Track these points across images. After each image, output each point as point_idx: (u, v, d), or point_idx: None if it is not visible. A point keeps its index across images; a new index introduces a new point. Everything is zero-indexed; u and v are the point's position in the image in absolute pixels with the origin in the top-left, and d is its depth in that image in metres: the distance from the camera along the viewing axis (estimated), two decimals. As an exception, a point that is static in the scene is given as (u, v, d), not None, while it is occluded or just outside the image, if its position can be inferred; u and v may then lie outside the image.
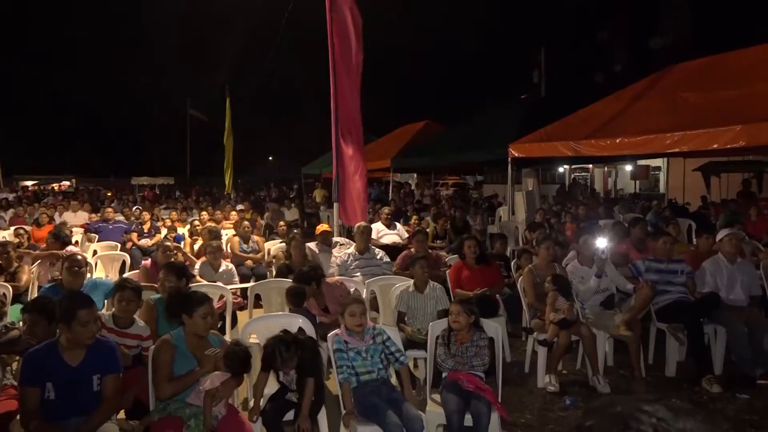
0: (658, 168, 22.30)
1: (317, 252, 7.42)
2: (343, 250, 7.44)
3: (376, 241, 8.29)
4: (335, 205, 8.38)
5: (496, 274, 6.29)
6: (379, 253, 7.04)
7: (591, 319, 5.45)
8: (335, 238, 8.01)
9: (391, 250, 8.06)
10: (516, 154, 9.93)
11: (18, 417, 3.50)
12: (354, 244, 7.36)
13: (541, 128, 9.86)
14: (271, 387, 3.92)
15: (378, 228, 8.98)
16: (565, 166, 25.31)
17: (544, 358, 5.25)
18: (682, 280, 5.75)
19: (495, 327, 4.41)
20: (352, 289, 5.52)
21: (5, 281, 6.09)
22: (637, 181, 23.75)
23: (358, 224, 7.18)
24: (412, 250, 7.14)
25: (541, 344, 5.24)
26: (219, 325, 5.05)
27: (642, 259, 5.98)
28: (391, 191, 17.69)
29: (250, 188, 28.60)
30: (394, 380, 4.16)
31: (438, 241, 9.79)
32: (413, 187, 24.87)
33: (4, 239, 7.74)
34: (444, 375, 4.09)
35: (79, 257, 5.47)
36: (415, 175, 27.44)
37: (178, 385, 3.47)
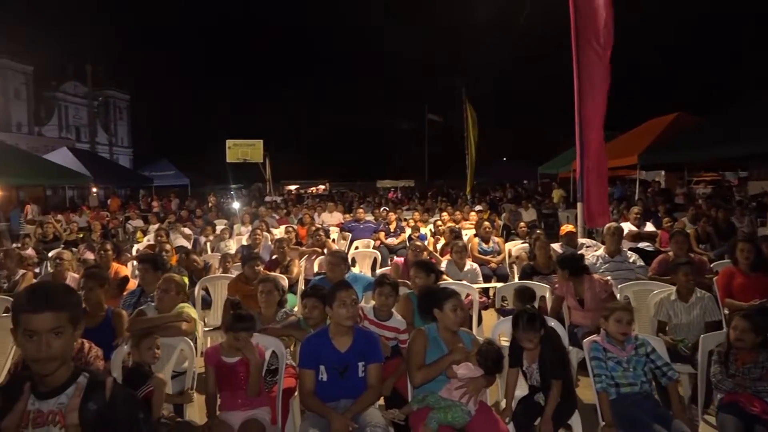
0: None
1: (561, 253, 7.16)
2: (590, 251, 7.07)
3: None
4: (579, 205, 8.01)
5: (779, 284, 5.41)
6: (632, 256, 6.54)
7: None
8: (580, 240, 7.67)
9: (640, 252, 7.44)
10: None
11: (296, 394, 3.97)
12: (601, 246, 6.95)
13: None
14: (523, 389, 3.88)
15: (627, 229, 8.37)
16: None
17: None
18: None
19: (785, 346, 3.78)
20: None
21: (280, 273, 6.94)
22: None
23: (608, 225, 6.76)
24: (670, 253, 6.50)
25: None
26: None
27: None
28: (637, 190, 16.39)
29: (485, 189, 28.80)
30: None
31: (701, 246, 8.76)
32: (662, 185, 22.76)
33: (280, 237, 8.82)
34: (719, 395, 3.64)
35: (339, 254, 6.02)
36: (663, 172, 25.13)
37: (429, 371, 3.60)
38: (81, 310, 2.10)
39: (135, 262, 7.62)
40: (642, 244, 8.27)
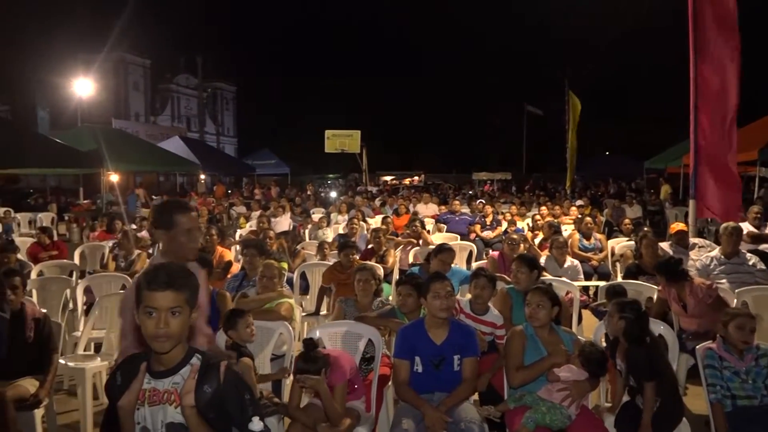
0: None
1: (671, 253, 6.74)
2: (703, 252, 6.61)
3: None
4: (690, 202, 7.48)
5: None
6: (751, 259, 6.04)
7: None
8: (692, 239, 7.18)
9: (761, 255, 6.85)
10: None
11: (390, 383, 3.98)
12: (716, 246, 6.48)
13: None
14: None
15: (746, 229, 7.74)
16: None
17: None
18: None
19: None
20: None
21: (375, 262, 7.00)
22: None
23: (725, 224, 6.27)
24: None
25: None
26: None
27: None
28: (757, 188, 15.18)
29: (585, 184, 27.72)
30: None
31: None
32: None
33: (376, 226, 8.89)
34: None
35: (452, 254, 5.96)
36: (787, 169, 23.15)
37: (528, 374, 3.50)
38: (197, 293, 2.17)
39: (238, 247, 7.96)
40: (762, 247, 7.62)
